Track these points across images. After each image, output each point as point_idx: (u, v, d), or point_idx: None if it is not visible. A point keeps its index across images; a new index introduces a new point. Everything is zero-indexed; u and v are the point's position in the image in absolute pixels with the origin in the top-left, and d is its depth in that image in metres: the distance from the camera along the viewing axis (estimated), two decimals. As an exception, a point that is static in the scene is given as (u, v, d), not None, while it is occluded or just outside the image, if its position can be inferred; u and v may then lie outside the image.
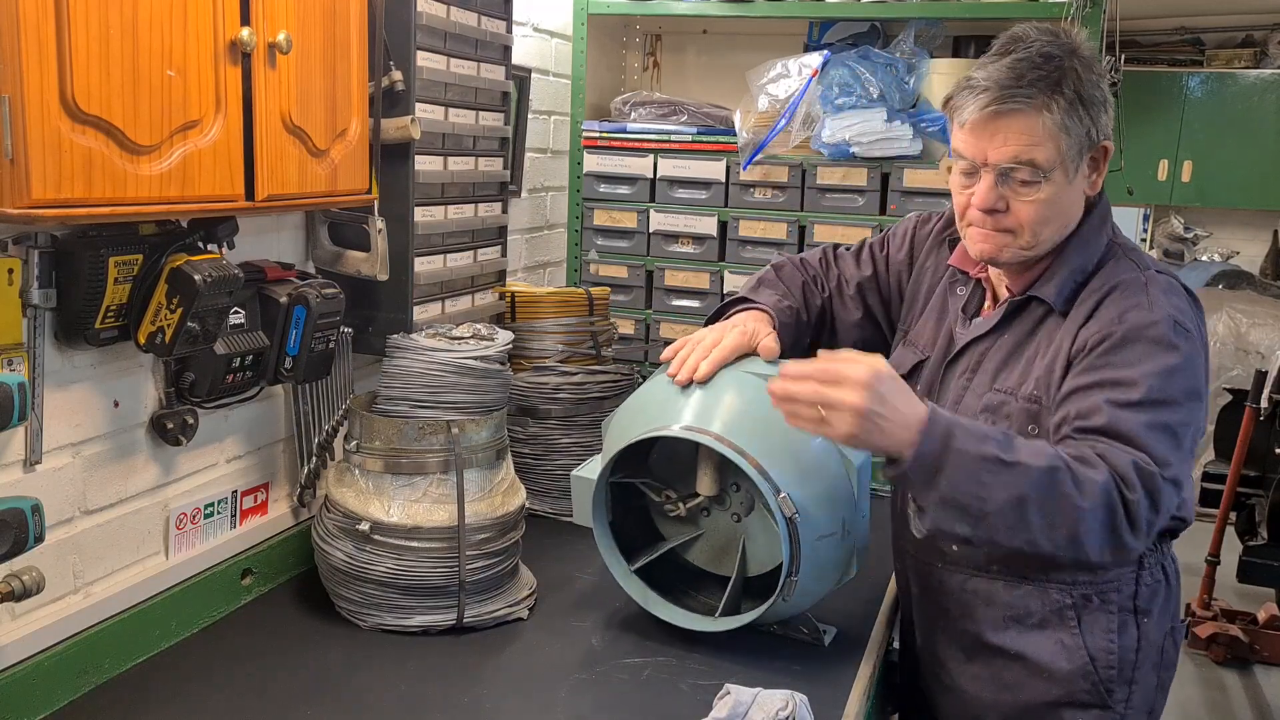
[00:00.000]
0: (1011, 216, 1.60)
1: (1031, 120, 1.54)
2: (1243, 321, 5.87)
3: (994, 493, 1.41)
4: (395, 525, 1.79)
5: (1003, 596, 1.70)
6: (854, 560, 1.73)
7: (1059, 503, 1.42)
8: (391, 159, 1.95)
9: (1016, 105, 1.54)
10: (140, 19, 1.29)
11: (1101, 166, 1.64)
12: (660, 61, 3.30)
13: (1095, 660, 1.66)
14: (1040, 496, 1.42)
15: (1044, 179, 1.56)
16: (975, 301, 1.78)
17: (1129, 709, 1.68)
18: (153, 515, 1.74)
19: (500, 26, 2.35)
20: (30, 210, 1.21)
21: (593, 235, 3.03)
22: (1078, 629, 1.66)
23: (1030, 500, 1.42)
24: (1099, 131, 1.59)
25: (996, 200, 1.59)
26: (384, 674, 1.68)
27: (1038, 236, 1.61)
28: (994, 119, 1.55)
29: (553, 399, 2.36)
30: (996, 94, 1.54)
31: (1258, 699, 3.97)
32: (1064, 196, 1.60)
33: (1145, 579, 1.68)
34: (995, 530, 1.44)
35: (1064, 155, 1.56)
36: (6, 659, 1.48)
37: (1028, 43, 1.58)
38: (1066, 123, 1.54)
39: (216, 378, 1.69)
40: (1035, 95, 1.54)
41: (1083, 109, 1.56)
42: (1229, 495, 4.12)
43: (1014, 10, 2.66)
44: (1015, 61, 1.55)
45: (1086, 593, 1.66)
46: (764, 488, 1.61)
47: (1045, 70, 1.54)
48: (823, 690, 1.66)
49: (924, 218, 1.95)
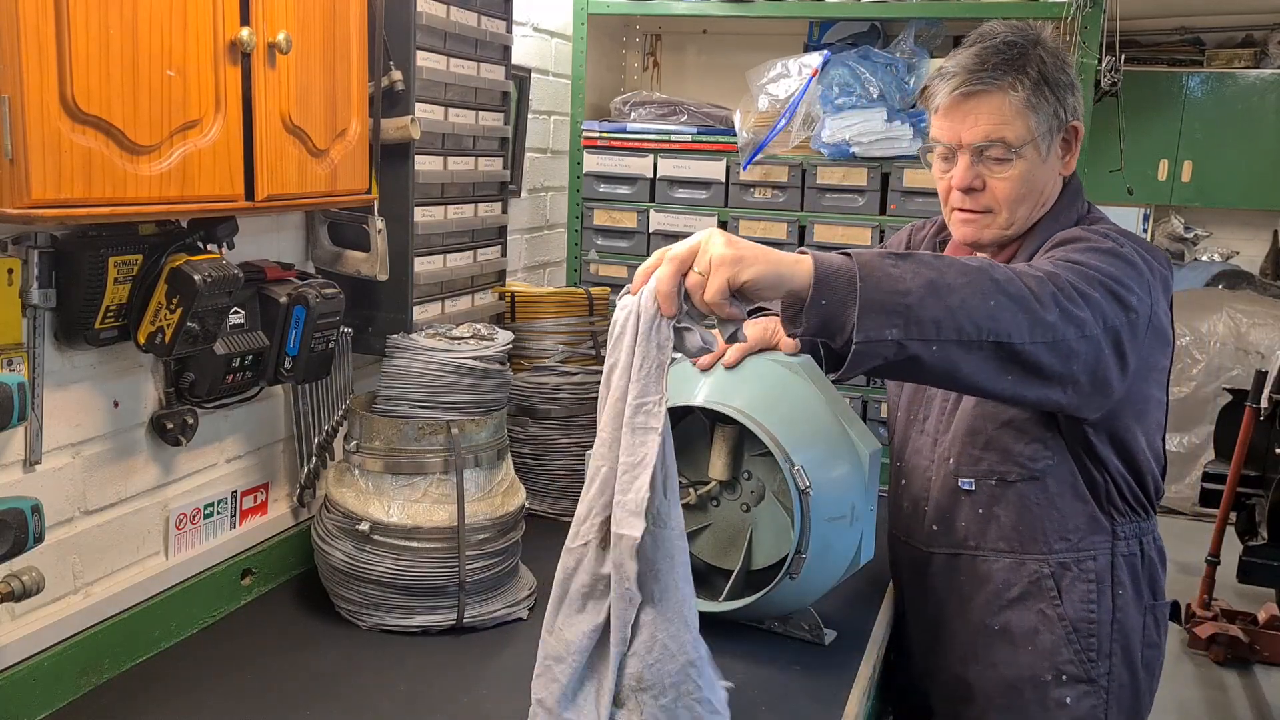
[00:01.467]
0: (988, 194, 1.68)
1: (999, 100, 1.64)
2: (1243, 321, 5.87)
3: (908, 282, 1.35)
4: (395, 525, 1.79)
5: (982, 571, 1.77)
6: (859, 553, 1.75)
7: (964, 275, 1.38)
8: (391, 159, 1.95)
9: (983, 86, 1.64)
10: (140, 19, 1.29)
11: (1074, 147, 1.72)
12: (660, 61, 3.31)
13: (1076, 629, 1.73)
14: (944, 274, 1.37)
15: (1016, 155, 1.65)
16: None
17: (1112, 683, 1.74)
18: (152, 515, 1.74)
19: (500, 26, 2.35)
20: (30, 210, 1.21)
21: (593, 235, 3.03)
22: (1058, 598, 1.73)
23: (939, 281, 1.36)
24: (1066, 112, 1.68)
25: (974, 179, 1.67)
26: (384, 674, 1.68)
27: (1014, 214, 1.69)
28: (963, 101, 1.65)
29: (553, 399, 2.36)
30: (964, 78, 1.64)
31: (1258, 699, 3.97)
32: (1038, 174, 1.68)
33: (1120, 549, 1.75)
34: (923, 325, 1.35)
35: (1034, 133, 1.64)
36: (6, 659, 1.48)
37: (993, 34, 1.68)
38: (1032, 100, 1.63)
39: (216, 378, 1.69)
40: (1000, 76, 1.63)
41: (1048, 89, 1.65)
42: (1229, 495, 4.12)
43: (1014, 10, 2.66)
44: (981, 49, 1.66)
45: (1064, 561, 1.73)
46: (779, 457, 1.65)
47: (1008, 55, 1.64)
48: (823, 690, 1.66)
49: (918, 225, 2.03)
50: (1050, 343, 1.42)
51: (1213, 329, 5.86)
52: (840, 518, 1.70)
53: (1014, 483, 1.73)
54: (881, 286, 1.34)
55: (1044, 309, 1.42)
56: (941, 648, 1.85)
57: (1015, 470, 1.72)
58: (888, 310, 1.34)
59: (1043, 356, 1.43)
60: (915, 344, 1.36)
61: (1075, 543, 1.73)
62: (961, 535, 1.79)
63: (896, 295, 1.34)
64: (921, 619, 1.89)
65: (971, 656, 1.80)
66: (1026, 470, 1.72)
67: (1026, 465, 1.71)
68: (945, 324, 1.36)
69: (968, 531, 1.78)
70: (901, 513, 1.90)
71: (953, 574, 1.81)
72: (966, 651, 1.81)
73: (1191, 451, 5.72)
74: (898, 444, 1.93)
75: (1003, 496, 1.74)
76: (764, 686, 1.67)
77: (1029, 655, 1.75)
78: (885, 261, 1.37)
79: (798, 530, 1.66)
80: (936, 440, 1.82)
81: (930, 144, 1.73)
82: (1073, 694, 1.74)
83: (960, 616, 1.81)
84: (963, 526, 1.78)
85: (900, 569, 1.95)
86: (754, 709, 1.61)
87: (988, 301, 1.39)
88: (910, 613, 1.94)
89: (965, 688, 1.81)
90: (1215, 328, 5.85)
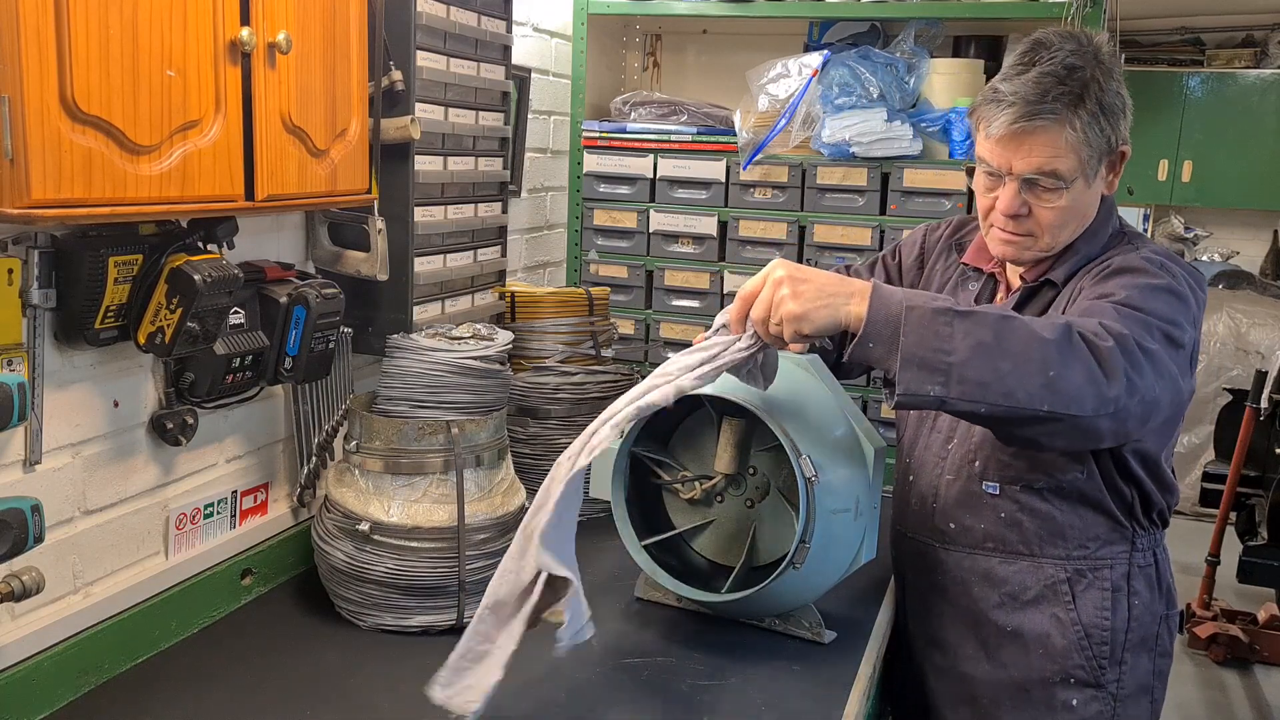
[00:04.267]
0: (1033, 220, 1.67)
1: (1055, 134, 1.60)
2: (1243, 321, 5.87)
3: (956, 341, 1.38)
4: (395, 525, 1.79)
5: (999, 573, 1.77)
6: (861, 549, 1.76)
7: (1025, 343, 1.39)
8: (391, 159, 1.95)
9: (1042, 122, 1.59)
10: (140, 19, 1.29)
11: (1119, 168, 1.71)
12: (660, 61, 3.30)
13: (1089, 636, 1.72)
14: (1001, 338, 1.39)
15: (1066, 187, 1.63)
16: (987, 293, 1.84)
17: (1120, 689, 1.74)
18: (152, 515, 1.74)
19: (500, 26, 2.35)
20: (30, 210, 1.21)
21: (593, 235, 3.03)
22: (1072, 604, 1.73)
23: (993, 345, 1.38)
24: (1118, 138, 1.65)
25: (1020, 206, 1.66)
26: (384, 674, 1.68)
27: (1056, 238, 1.70)
28: (1020, 134, 1.61)
29: (553, 399, 2.36)
30: (1023, 110, 1.59)
31: (1258, 699, 3.97)
32: (1083, 200, 1.68)
33: (1137, 559, 1.75)
34: (966, 385, 1.38)
35: (1084, 164, 1.63)
36: (6, 659, 1.48)
37: (1051, 52, 1.61)
38: (1088, 134, 1.60)
39: (216, 378, 1.69)
40: (1059, 111, 1.59)
41: (1104, 118, 1.61)
42: (1229, 495, 4.12)
43: (1014, 10, 2.66)
44: (1040, 76, 1.60)
45: (1080, 568, 1.73)
46: (786, 445, 1.66)
47: (1069, 85, 1.59)
48: (822, 690, 1.66)
49: (933, 226, 2.02)
50: (1112, 414, 1.44)
51: (1213, 329, 5.85)
52: (845, 510, 1.70)
53: (1040, 490, 1.73)
54: (925, 343, 1.39)
55: (1111, 383, 1.41)
56: (949, 646, 1.84)
57: (1044, 479, 1.72)
58: (930, 367, 1.38)
59: (1103, 425, 1.45)
60: (960, 403, 1.40)
61: (1093, 551, 1.73)
62: (980, 537, 1.78)
63: (940, 354, 1.38)
64: (928, 616, 1.88)
65: (981, 656, 1.79)
66: (1055, 480, 1.71)
67: (1056, 475, 1.71)
68: (993, 388, 1.38)
69: (986, 534, 1.77)
70: (909, 508, 1.89)
71: (966, 573, 1.80)
72: (976, 651, 1.80)
73: (1191, 451, 5.73)
74: (908, 439, 1.93)
75: (1028, 503, 1.73)
76: (764, 686, 1.67)
77: (1040, 658, 1.74)
78: (938, 317, 1.40)
79: (803, 519, 1.66)
80: (949, 437, 1.81)
81: (977, 162, 1.70)
82: (1080, 697, 1.73)
83: (972, 616, 1.80)
84: (982, 529, 1.77)
85: (905, 565, 1.94)
86: (754, 708, 1.61)
87: (1046, 372, 1.38)
88: (914, 609, 1.92)
89: (972, 686, 1.81)
90: (1215, 328, 5.85)
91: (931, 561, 1.84)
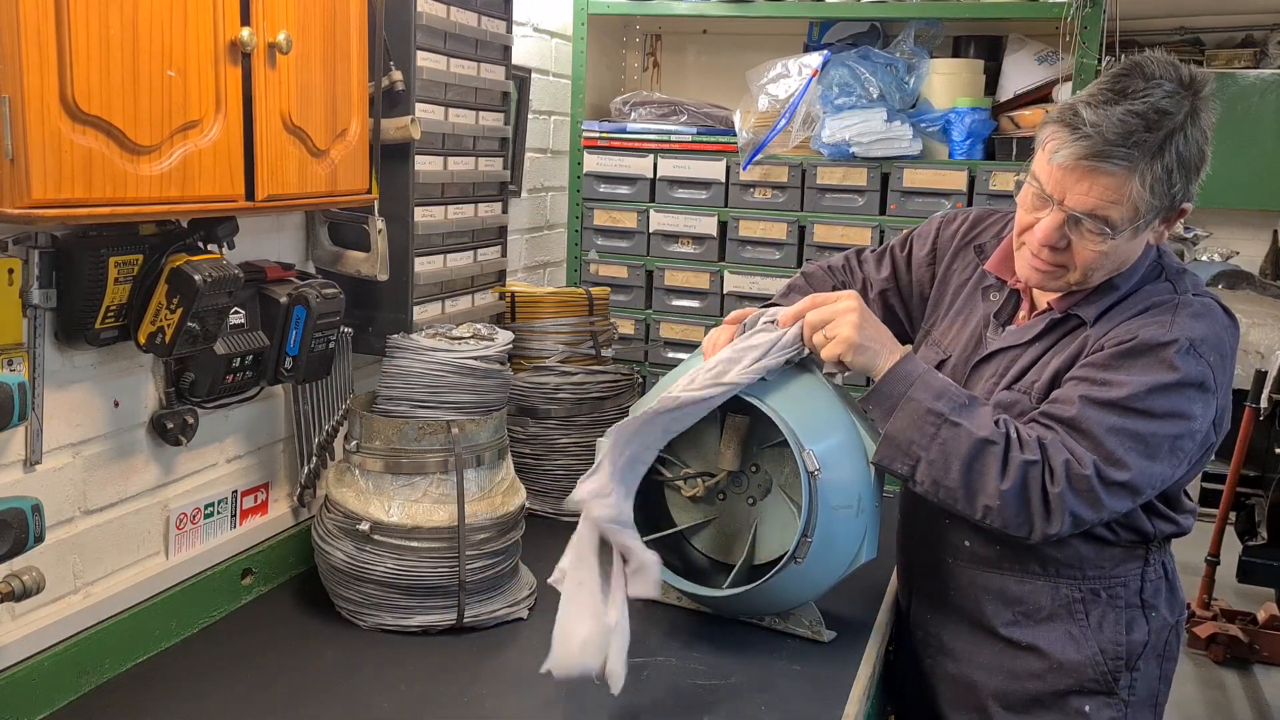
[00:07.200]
0: (1069, 254, 1.59)
1: (1120, 181, 1.50)
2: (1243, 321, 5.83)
3: (929, 445, 1.58)
4: (395, 525, 1.79)
5: (1013, 591, 1.74)
6: (862, 548, 1.75)
7: (981, 474, 1.55)
8: (391, 159, 1.95)
9: (1112, 167, 1.49)
10: (140, 19, 1.29)
11: (1174, 223, 1.61)
12: (660, 61, 3.31)
13: (1104, 651, 1.71)
14: (966, 462, 1.55)
15: (1111, 235, 1.54)
16: (1009, 309, 1.79)
17: (1132, 696, 1.73)
18: (153, 515, 1.74)
19: (500, 26, 2.35)
20: (30, 210, 1.21)
21: (593, 235, 3.03)
22: (1086, 622, 1.71)
23: (955, 463, 1.56)
24: (1186, 195, 1.55)
25: (1059, 240, 1.57)
26: (384, 674, 1.68)
27: (1089, 278, 1.62)
28: (1085, 170, 1.51)
29: (553, 399, 2.36)
30: (1099, 147, 1.49)
31: (1258, 699, 3.97)
32: (1125, 249, 1.59)
33: (1150, 575, 1.73)
34: (924, 481, 1.59)
35: (1140, 216, 1.53)
36: (6, 659, 1.48)
37: (1148, 86, 1.51)
38: (1154, 189, 1.51)
39: (216, 378, 1.69)
40: (1134, 159, 1.49)
41: (1177, 173, 1.51)
42: (1229, 495, 4.12)
43: (1014, 10, 2.67)
44: (1127, 114, 1.49)
45: (1095, 587, 1.70)
46: (789, 439, 1.66)
47: (1153, 134, 1.49)
48: (823, 690, 1.66)
49: (949, 218, 1.94)
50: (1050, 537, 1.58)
51: (1212, 329, 5.84)
52: (847, 507, 1.70)
53: None
54: (906, 432, 1.60)
55: (1050, 521, 1.54)
56: (960, 655, 1.81)
57: None
58: (904, 451, 1.60)
59: (1020, 536, 1.59)
60: (919, 487, 1.61)
61: (1109, 570, 1.70)
62: (997, 557, 1.74)
63: (915, 446, 1.59)
64: (938, 626, 1.85)
65: (994, 666, 1.76)
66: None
67: None
68: (943, 493, 1.58)
69: (1002, 554, 1.73)
70: (920, 521, 1.84)
71: (980, 590, 1.76)
72: (988, 661, 1.77)
73: (1191, 451, 5.72)
74: None
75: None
76: (764, 685, 1.67)
77: (1054, 672, 1.72)
78: (928, 416, 1.58)
79: (805, 514, 1.66)
80: None
81: (1030, 177, 1.60)
82: (1093, 704, 1.72)
83: (984, 630, 1.77)
84: (998, 549, 1.73)
85: (914, 574, 1.91)
86: (754, 708, 1.61)
87: (989, 504, 1.55)
88: (923, 619, 1.88)
89: (982, 694, 1.78)
90: (1215, 328, 5.84)
91: (944, 575, 1.80)
